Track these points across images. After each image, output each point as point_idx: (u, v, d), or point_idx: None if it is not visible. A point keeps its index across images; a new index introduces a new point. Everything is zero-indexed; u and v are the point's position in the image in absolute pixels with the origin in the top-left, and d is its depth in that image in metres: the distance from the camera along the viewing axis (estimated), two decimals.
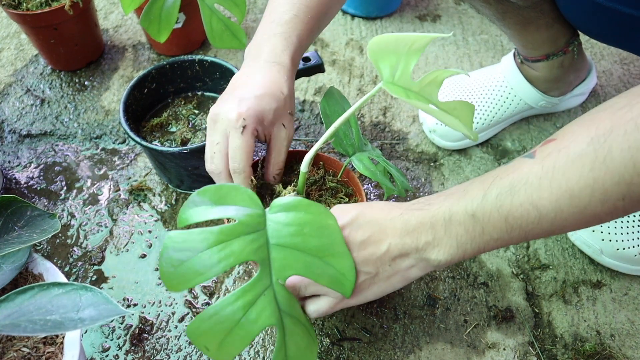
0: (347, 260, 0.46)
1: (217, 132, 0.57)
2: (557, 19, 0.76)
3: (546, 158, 0.43)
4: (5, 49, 1.11)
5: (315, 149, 0.54)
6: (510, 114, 0.89)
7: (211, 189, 0.46)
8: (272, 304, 0.45)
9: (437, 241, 0.47)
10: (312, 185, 0.65)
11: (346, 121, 0.64)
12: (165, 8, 0.79)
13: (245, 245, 0.44)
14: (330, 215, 0.46)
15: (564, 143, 0.42)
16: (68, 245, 0.80)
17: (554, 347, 0.69)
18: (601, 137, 0.40)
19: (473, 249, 0.46)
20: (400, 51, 0.45)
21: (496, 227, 0.44)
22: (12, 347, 0.52)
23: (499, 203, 0.44)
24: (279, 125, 0.59)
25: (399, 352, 0.69)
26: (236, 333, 0.44)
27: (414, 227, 0.48)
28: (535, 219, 0.43)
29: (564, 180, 0.41)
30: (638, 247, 0.72)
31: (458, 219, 0.46)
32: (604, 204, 0.40)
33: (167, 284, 0.43)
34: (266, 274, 0.45)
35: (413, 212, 0.48)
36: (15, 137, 0.95)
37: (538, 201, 0.42)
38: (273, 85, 0.57)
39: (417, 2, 1.19)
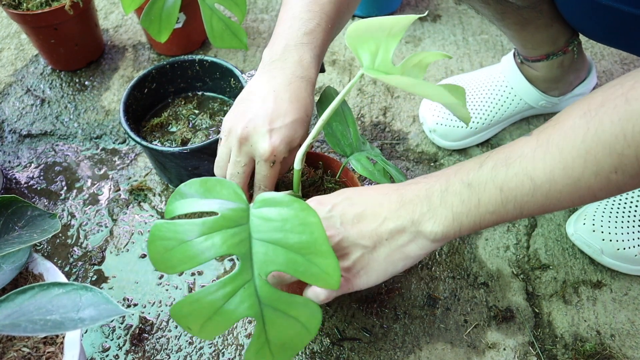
0: (330, 260, 0.46)
1: (244, 155, 0.57)
2: (556, 18, 0.76)
3: (541, 133, 0.44)
4: (6, 49, 1.11)
5: (306, 145, 0.54)
6: (511, 114, 0.89)
7: (197, 182, 0.47)
8: (252, 297, 0.45)
9: (432, 212, 0.47)
10: (310, 186, 0.65)
11: (344, 121, 0.64)
12: (165, 8, 0.79)
13: (226, 239, 0.45)
14: (312, 212, 0.46)
15: (558, 120, 0.44)
16: (68, 245, 0.80)
17: (554, 347, 0.69)
18: (592, 111, 0.41)
19: (469, 221, 0.46)
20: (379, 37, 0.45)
21: (491, 199, 0.44)
22: (12, 347, 0.52)
23: (494, 173, 0.44)
24: (297, 147, 0.59)
25: (399, 352, 0.69)
26: (216, 319, 0.45)
27: (410, 200, 0.48)
28: (529, 190, 0.43)
29: (557, 152, 0.42)
30: (638, 247, 0.72)
31: (454, 189, 0.46)
32: (597, 176, 0.41)
33: (156, 266, 0.45)
34: (247, 268, 0.45)
35: (409, 187, 0.49)
36: (16, 137, 0.95)
37: (532, 172, 0.43)
38: (301, 108, 0.56)
39: (417, 2, 1.19)
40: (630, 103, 0.39)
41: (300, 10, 0.60)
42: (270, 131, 0.55)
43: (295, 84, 0.57)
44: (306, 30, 0.59)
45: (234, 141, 0.57)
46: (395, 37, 0.45)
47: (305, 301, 0.47)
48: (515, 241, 0.79)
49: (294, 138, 0.56)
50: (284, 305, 0.46)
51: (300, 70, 0.58)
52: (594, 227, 0.74)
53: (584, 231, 0.74)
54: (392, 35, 0.45)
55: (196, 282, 0.75)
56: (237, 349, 0.69)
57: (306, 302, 0.47)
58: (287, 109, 0.56)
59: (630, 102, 0.39)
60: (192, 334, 0.46)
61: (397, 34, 0.45)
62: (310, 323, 0.48)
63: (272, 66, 0.59)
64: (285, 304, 0.47)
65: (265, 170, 0.56)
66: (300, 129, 0.57)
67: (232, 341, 0.70)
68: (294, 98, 0.56)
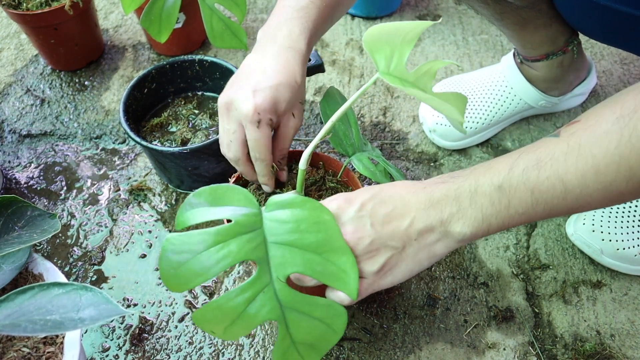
0: (347, 257, 0.46)
1: (232, 121, 0.57)
2: (555, 18, 0.76)
3: (571, 136, 0.44)
4: (5, 49, 1.11)
5: (313, 145, 0.54)
6: (510, 114, 0.89)
7: (207, 191, 0.46)
8: (272, 301, 0.46)
9: (461, 213, 0.46)
10: (311, 186, 0.65)
11: (346, 121, 0.64)
12: (165, 8, 0.79)
13: (242, 245, 0.45)
14: (325, 210, 0.46)
15: (589, 123, 0.43)
16: (68, 245, 0.80)
17: (554, 347, 0.69)
18: (626, 116, 0.41)
19: (498, 222, 0.46)
20: (394, 42, 0.45)
21: (522, 201, 0.45)
22: (12, 347, 0.52)
23: (525, 176, 0.44)
24: (289, 114, 0.59)
25: (399, 352, 0.69)
26: (238, 323, 0.45)
27: (438, 200, 0.47)
28: (561, 194, 0.43)
29: (590, 157, 0.42)
30: (638, 247, 0.72)
31: (484, 190, 0.46)
32: (628, 182, 0.41)
33: (168, 285, 0.44)
34: (265, 272, 0.45)
35: (437, 186, 0.48)
36: (15, 137, 0.95)
37: (564, 176, 0.43)
38: (287, 73, 0.57)
39: (417, 2, 1.19)
40: None
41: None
42: (254, 92, 0.55)
43: (282, 54, 0.58)
44: (297, 6, 0.60)
45: (222, 110, 0.58)
46: (410, 43, 0.45)
47: (327, 302, 0.47)
48: (515, 241, 0.79)
49: (280, 99, 0.57)
50: (306, 307, 0.47)
51: (288, 42, 0.58)
52: (594, 227, 0.74)
53: (584, 231, 0.74)
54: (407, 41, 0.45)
55: None
56: (237, 349, 0.69)
57: (329, 304, 0.47)
58: (272, 74, 0.56)
59: None
60: (217, 337, 0.46)
61: (411, 40, 0.45)
62: (335, 324, 0.48)
63: (264, 40, 0.60)
64: (308, 305, 0.47)
65: (253, 133, 0.56)
66: (287, 92, 0.57)
67: (231, 341, 0.70)
68: (280, 65, 0.57)
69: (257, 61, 0.58)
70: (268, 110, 0.56)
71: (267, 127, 0.56)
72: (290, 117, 0.59)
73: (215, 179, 0.81)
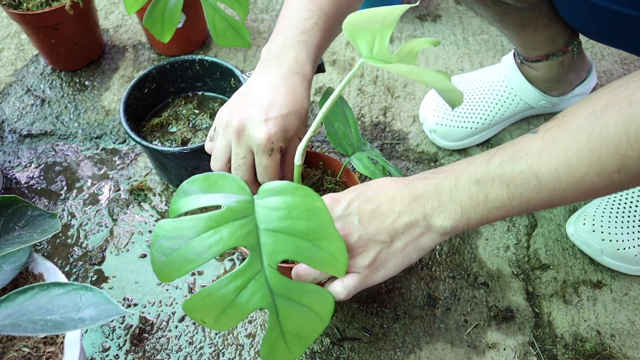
0: (337, 243, 0.46)
1: (242, 146, 0.58)
2: (555, 19, 0.76)
3: (547, 132, 0.45)
4: (6, 49, 1.11)
5: (306, 139, 0.54)
6: (511, 114, 0.89)
7: (200, 178, 0.47)
8: (263, 288, 0.46)
9: (442, 207, 0.48)
10: (311, 186, 0.65)
11: (345, 121, 0.64)
12: (168, 8, 0.79)
13: (234, 231, 0.45)
14: (317, 197, 0.46)
15: (564, 119, 0.45)
16: (68, 245, 0.80)
17: (554, 347, 0.69)
18: (598, 112, 0.42)
19: (477, 216, 0.48)
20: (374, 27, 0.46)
21: (498, 195, 0.46)
22: (13, 347, 0.52)
23: (500, 170, 0.46)
24: (296, 139, 0.60)
25: (399, 352, 0.69)
26: (229, 312, 0.45)
27: (421, 194, 0.49)
28: (535, 188, 0.45)
29: (562, 151, 0.43)
30: (638, 247, 0.72)
31: (462, 185, 0.48)
32: (600, 176, 0.42)
33: (159, 273, 0.44)
34: (256, 259, 0.45)
35: (420, 181, 0.50)
36: (16, 137, 0.95)
37: (538, 170, 0.44)
38: (297, 101, 0.58)
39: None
40: (633, 106, 0.40)
41: (299, 10, 0.61)
42: (266, 120, 0.56)
43: (291, 78, 0.58)
44: (303, 29, 0.60)
45: (231, 134, 0.58)
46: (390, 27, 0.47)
47: (317, 289, 0.48)
48: (515, 241, 0.79)
49: (290, 128, 0.57)
50: (296, 294, 0.47)
51: (296, 67, 0.59)
52: (594, 227, 0.74)
53: (584, 231, 0.74)
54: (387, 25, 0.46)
55: (196, 282, 0.75)
56: (237, 349, 0.69)
57: (318, 290, 0.48)
58: (283, 101, 0.57)
59: (633, 105, 0.40)
60: (207, 327, 0.46)
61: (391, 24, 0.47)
62: (323, 311, 0.48)
63: (269, 63, 0.60)
64: (298, 292, 0.47)
65: (265, 161, 0.57)
66: (296, 121, 0.58)
67: (232, 341, 0.70)
68: (289, 91, 0.58)
69: (266, 83, 0.58)
70: (280, 139, 0.57)
71: (277, 154, 0.58)
72: (297, 140, 0.60)
73: None
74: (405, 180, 0.52)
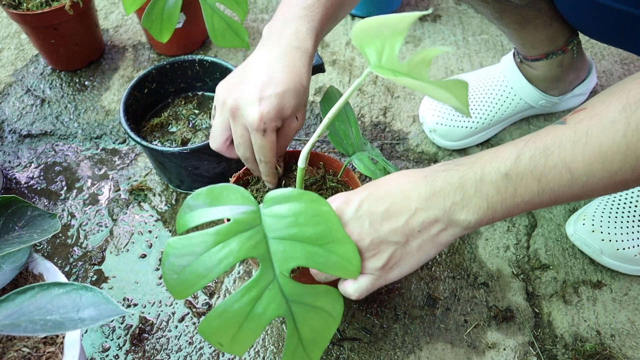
0: (348, 246, 0.46)
1: (239, 125, 0.57)
2: (555, 17, 0.76)
3: (578, 124, 0.43)
4: (6, 49, 1.11)
5: (310, 143, 0.54)
6: (511, 114, 0.89)
7: (204, 192, 0.46)
8: (278, 297, 0.45)
9: (466, 201, 0.46)
10: (312, 185, 0.65)
11: (346, 120, 0.64)
12: (166, 8, 0.79)
13: (243, 243, 0.45)
14: (323, 201, 0.46)
15: (595, 111, 0.43)
16: (68, 245, 0.80)
17: (554, 347, 0.69)
18: (632, 105, 0.41)
19: (503, 210, 0.46)
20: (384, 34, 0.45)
21: (528, 189, 0.44)
22: (13, 347, 0.52)
23: (532, 164, 0.44)
24: (292, 117, 0.59)
25: (399, 352, 0.69)
26: (246, 327, 0.45)
27: (441, 188, 0.47)
28: (567, 182, 0.43)
29: (597, 145, 0.42)
30: (638, 247, 0.72)
31: (490, 178, 0.45)
32: (634, 170, 0.41)
33: (173, 291, 0.44)
34: (268, 268, 0.45)
35: (439, 174, 0.47)
36: (16, 137, 0.95)
37: (571, 164, 0.43)
38: (294, 77, 0.56)
39: (417, 2, 1.19)
40: None
41: None
42: (260, 99, 0.55)
43: (290, 54, 0.57)
44: (304, 5, 0.60)
45: (227, 113, 0.58)
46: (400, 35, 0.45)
47: (327, 289, 0.47)
48: (515, 241, 0.79)
49: (285, 107, 0.56)
50: (309, 297, 0.47)
51: (295, 41, 0.58)
52: (594, 228, 0.74)
53: (584, 231, 0.74)
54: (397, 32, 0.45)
55: None
56: None
57: (328, 290, 0.47)
58: (280, 79, 0.55)
59: None
60: (224, 351, 0.46)
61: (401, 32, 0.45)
62: (334, 309, 0.48)
63: (269, 39, 0.59)
64: (311, 295, 0.47)
65: (259, 140, 0.56)
66: (293, 99, 0.56)
67: None
68: (287, 68, 0.56)
69: (263, 59, 0.57)
70: (274, 118, 0.56)
71: (272, 134, 0.57)
72: (293, 119, 0.59)
73: (215, 179, 0.81)
74: (422, 173, 0.48)
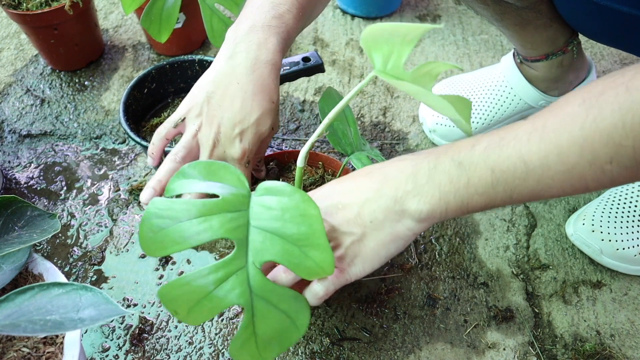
0: (326, 254, 0.45)
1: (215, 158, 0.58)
2: (555, 19, 0.76)
3: (537, 117, 0.43)
4: (5, 49, 1.11)
5: (309, 144, 0.54)
6: (510, 114, 0.89)
7: (202, 164, 0.47)
8: (243, 285, 0.45)
9: (417, 190, 0.45)
10: (310, 185, 0.65)
11: (344, 120, 0.64)
12: (165, 8, 0.79)
13: (224, 222, 0.44)
14: (313, 204, 0.45)
15: (556, 106, 0.43)
16: (68, 245, 0.80)
17: (554, 347, 0.69)
18: (593, 98, 0.40)
19: (456, 202, 0.45)
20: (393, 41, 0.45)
21: (482, 179, 0.43)
22: (12, 347, 0.52)
23: (486, 153, 0.43)
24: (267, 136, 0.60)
25: (399, 352, 0.69)
26: (204, 304, 0.45)
27: (393, 177, 0.46)
28: (522, 174, 0.42)
29: (553, 137, 0.41)
30: (638, 247, 0.72)
31: (443, 167, 0.45)
32: (591, 165, 0.40)
33: (144, 247, 0.44)
34: (242, 254, 0.45)
35: (394, 163, 0.47)
36: (15, 137, 0.95)
37: (526, 155, 0.41)
38: (265, 97, 0.57)
39: (417, 2, 1.19)
40: (630, 92, 0.38)
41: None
42: (240, 134, 0.56)
43: (259, 70, 0.56)
44: (275, 14, 0.58)
45: (204, 141, 0.58)
46: (410, 44, 0.45)
47: (295, 294, 0.47)
48: (515, 241, 0.79)
49: (262, 131, 0.57)
50: (275, 297, 0.46)
51: (264, 54, 0.57)
52: (594, 227, 0.74)
53: (584, 231, 0.74)
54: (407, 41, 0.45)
55: None
56: None
57: (296, 296, 0.47)
58: (252, 106, 0.56)
59: (630, 92, 0.38)
60: (179, 319, 0.45)
61: (411, 41, 0.45)
62: (299, 319, 0.47)
63: (236, 48, 0.57)
64: (277, 295, 0.46)
65: (241, 169, 0.58)
66: (268, 120, 0.57)
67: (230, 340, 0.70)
68: (257, 88, 0.56)
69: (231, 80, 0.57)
70: (254, 150, 0.58)
71: (252, 165, 0.60)
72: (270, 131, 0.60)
73: None
74: (378, 165, 0.49)
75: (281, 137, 0.93)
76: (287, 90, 1.01)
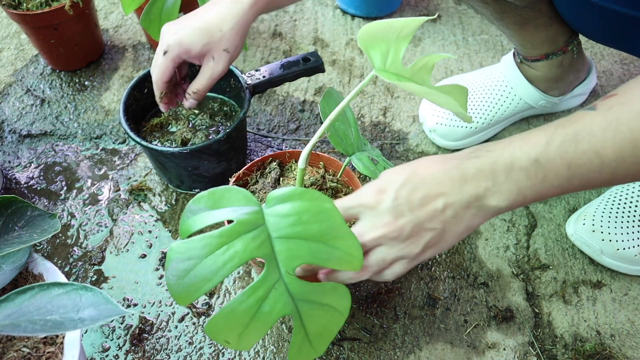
0: (351, 240, 0.46)
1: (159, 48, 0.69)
2: (555, 18, 0.76)
3: (609, 111, 0.44)
4: (5, 49, 1.11)
5: (311, 144, 0.54)
6: (511, 114, 0.89)
7: (205, 196, 0.46)
8: (285, 296, 0.46)
9: (497, 187, 0.47)
10: (312, 185, 0.65)
11: (345, 120, 0.64)
12: (165, 8, 0.79)
13: (247, 244, 0.45)
14: (326, 198, 0.46)
15: (626, 97, 0.44)
16: (68, 245, 0.80)
17: (554, 347, 0.69)
18: None
19: (533, 195, 0.47)
20: (389, 38, 0.45)
21: (558, 174, 0.45)
22: (12, 347, 0.52)
23: (562, 150, 0.45)
24: (208, 57, 0.68)
25: (399, 352, 0.69)
26: (253, 326, 0.45)
27: (473, 175, 0.48)
28: (597, 168, 0.44)
29: (627, 131, 0.42)
30: (638, 247, 0.72)
31: (520, 164, 0.46)
32: None
33: (176, 297, 0.43)
34: (273, 267, 0.45)
35: (470, 161, 0.48)
36: (16, 137, 0.95)
37: (601, 150, 0.43)
38: (216, 20, 0.66)
39: (417, 2, 1.19)
40: None
41: None
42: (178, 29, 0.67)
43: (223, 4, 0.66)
44: None
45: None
46: (405, 39, 0.45)
47: (333, 286, 0.48)
48: (515, 241, 0.79)
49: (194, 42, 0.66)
50: (316, 295, 0.47)
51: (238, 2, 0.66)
52: (594, 227, 0.74)
53: (584, 231, 0.74)
54: (402, 37, 0.45)
55: None
56: (237, 349, 0.69)
57: (334, 287, 0.48)
58: (203, 19, 0.66)
59: None
60: (231, 348, 0.46)
61: (406, 36, 0.45)
62: (341, 305, 0.48)
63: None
64: (317, 293, 0.47)
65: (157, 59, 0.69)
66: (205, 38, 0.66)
67: None
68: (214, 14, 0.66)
69: (206, 6, 0.68)
70: (176, 47, 0.67)
71: (169, 61, 0.68)
72: (209, 60, 0.68)
73: (215, 179, 0.81)
74: (453, 160, 0.49)
75: (281, 137, 0.93)
76: (287, 90, 1.01)
